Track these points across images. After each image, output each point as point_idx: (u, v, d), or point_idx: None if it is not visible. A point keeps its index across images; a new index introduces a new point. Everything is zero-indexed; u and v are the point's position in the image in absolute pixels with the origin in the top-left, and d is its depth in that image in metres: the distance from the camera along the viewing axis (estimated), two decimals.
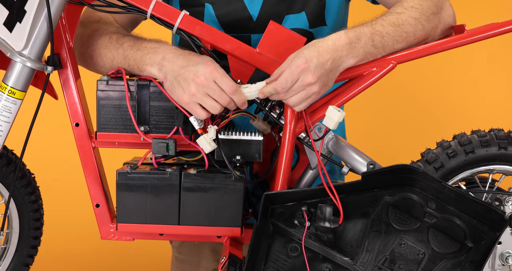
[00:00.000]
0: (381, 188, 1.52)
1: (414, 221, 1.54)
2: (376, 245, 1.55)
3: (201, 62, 1.51)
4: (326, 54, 1.50)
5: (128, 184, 1.61)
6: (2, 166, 1.65)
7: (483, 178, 1.73)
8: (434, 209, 1.53)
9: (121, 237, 1.70)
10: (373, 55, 1.56)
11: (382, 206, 1.54)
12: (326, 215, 1.50)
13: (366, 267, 1.55)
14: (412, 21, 1.57)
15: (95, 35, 1.64)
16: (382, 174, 1.51)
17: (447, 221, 1.53)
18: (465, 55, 2.91)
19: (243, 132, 1.60)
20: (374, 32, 1.54)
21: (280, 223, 1.54)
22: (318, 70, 1.49)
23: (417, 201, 1.53)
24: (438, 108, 3.21)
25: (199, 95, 1.50)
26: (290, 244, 1.55)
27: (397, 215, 1.54)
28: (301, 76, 1.48)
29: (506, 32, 1.63)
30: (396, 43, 1.56)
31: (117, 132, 1.62)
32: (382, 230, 1.55)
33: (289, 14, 1.77)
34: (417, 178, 1.51)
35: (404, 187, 1.53)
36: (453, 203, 1.51)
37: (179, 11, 1.55)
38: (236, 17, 1.77)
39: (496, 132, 1.68)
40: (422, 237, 1.54)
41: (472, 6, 3.06)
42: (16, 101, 1.52)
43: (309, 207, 1.52)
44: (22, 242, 1.71)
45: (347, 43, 1.52)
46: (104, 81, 1.61)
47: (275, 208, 1.52)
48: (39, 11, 1.48)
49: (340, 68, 1.54)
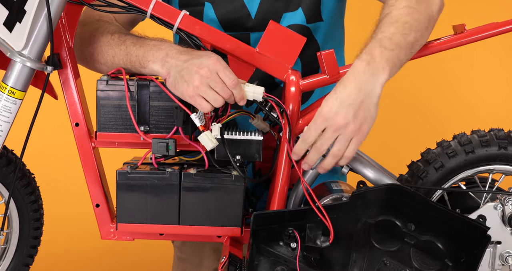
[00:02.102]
0: (364, 209, 1.52)
1: (395, 241, 1.56)
2: (362, 264, 1.56)
3: (204, 55, 1.51)
4: (347, 89, 1.46)
5: (128, 184, 1.60)
6: (2, 166, 1.65)
7: (483, 177, 1.73)
8: (413, 231, 1.54)
9: (121, 237, 1.70)
10: (396, 58, 1.51)
11: (363, 227, 1.55)
12: (315, 235, 1.50)
13: None
14: (404, 11, 1.55)
15: (96, 34, 1.64)
16: (372, 193, 1.51)
17: (426, 243, 1.54)
18: (465, 55, 2.91)
19: (243, 132, 1.60)
20: (380, 40, 1.51)
21: (265, 245, 1.54)
22: (343, 109, 1.45)
23: (396, 223, 1.54)
24: (438, 108, 3.21)
25: (203, 87, 1.49)
26: (277, 265, 1.55)
27: (378, 235, 1.56)
28: (328, 122, 1.46)
29: (506, 31, 1.63)
30: (406, 36, 1.53)
31: (117, 132, 1.62)
32: (366, 249, 1.56)
33: (286, 11, 1.77)
34: (403, 199, 1.51)
35: (386, 209, 1.54)
36: (436, 221, 1.52)
37: (179, 11, 1.55)
38: (235, 15, 1.78)
39: (496, 132, 1.68)
40: (404, 256, 1.55)
41: (472, 6, 3.06)
42: (16, 101, 1.52)
43: (295, 228, 1.51)
44: (22, 242, 1.71)
45: (365, 65, 1.48)
46: (104, 81, 1.61)
47: (259, 230, 1.51)
48: (39, 11, 1.48)
49: (374, 93, 1.48)
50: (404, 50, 1.53)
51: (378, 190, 1.52)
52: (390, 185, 1.53)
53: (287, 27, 1.73)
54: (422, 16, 1.56)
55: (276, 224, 1.52)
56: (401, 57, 1.53)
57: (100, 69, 1.67)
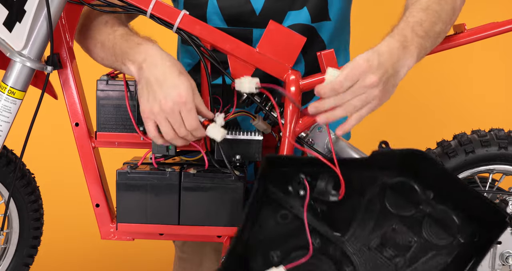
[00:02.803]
0: (382, 169, 1.47)
1: (409, 207, 1.51)
2: (368, 225, 1.52)
3: (177, 86, 1.46)
4: (384, 57, 1.42)
5: (128, 183, 1.60)
6: (2, 166, 1.65)
7: (483, 177, 1.73)
8: (432, 198, 1.49)
9: (121, 237, 1.70)
10: (423, 46, 1.49)
11: (379, 187, 1.50)
12: (327, 188, 1.46)
13: (355, 246, 1.52)
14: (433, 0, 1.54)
15: (95, 21, 1.64)
16: (392, 155, 1.46)
17: (442, 213, 1.50)
18: (465, 55, 2.90)
19: (243, 132, 1.60)
20: (412, 24, 1.49)
21: (274, 188, 1.50)
22: (381, 70, 1.40)
23: (415, 187, 1.50)
24: (438, 108, 3.21)
25: (159, 117, 1.48)
26: (281, 211, 1.51)
27: (393, 198, 1.51)
28: (362, 76, 1.39)
29: (505, 31, 1.63)
30: (434, 25, 1.51)
31: (117, 132, 1.62)
32: (376, 211, 1.51)
33: (291, 10, 1.77)
34: (425, 166, 1.46)
35: (406, 171, 1.49)
36: (457, 196, 1.47)
37: (179, 10, 1.55)
38: (238, 10, 1.77)
39: (496, 132, 1.68)
40: (415, 224, 1.51)
41: (472, 6, 3.06)
42: (15, 101, 1.52)
43: (307, 176, 1.46)
44: (22, 242, 1.71)
45: (400, 45, 1.45)
46: (104, 81, 1.61)
47: (271, 173, 1.47)
48: (38, 11, 1.48)
49: (400, 74, 1.45)
50: (431, 39, 1.51)
51: (401, 153, 1.46)
52: (414, 150, 1.45)
53: (291, 26, 1.73)
54: (449, 7, 1.55)
55: (288, 168, 1.47)
56: (427, 46, 1.50)
57: (90, 55, 1.66)
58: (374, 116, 3.27)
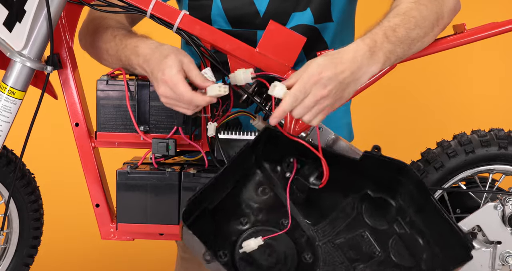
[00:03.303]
0: (370, 179, 1.51)
1: (383, 222, 1.56)
2: (339, 224, 1.56)
3: (161, 69, 1.48)
4: (343, 66, 1.43)
5: (128, 184, 1.60)
6: (2, 166, 1.65)
7: (483, 177, 1.73)
8: (406, 222, 1.54)
9: (121, 237, 1.70)
10: (393, 52, 1.50)
11: (361, 196, 1.54)
12: (310, 173, 1.49)
13: (322, 238, 1.55)
14: (413, 6, 1.53)
15: (98, 28, 1.66)
16: (381, 162, 1.49)
17: (412, 237, 1.54)
18: (465, 55, 2.91)
19: (243, 132, 1.60)
20: (384, 29, 1.50)
21: (266, 163, 1.54)
22: (332, 83, 1.42)
23: (394, 207, 1.54)
24: (438, 108, 3.21)
25: (170, 102, 1.51)
26: (263, 185, 1.55)
27: (371, 210, 1.55)
28: (314, 88, 1.42)
29: (505, 31, 1.63)
30: (409, 31, 1.51)
31: (117, 132, 1.62)
32: (352, 215, 1.55)
33: (295, 11, 1.77)
34: (407, 181, 1.50)
35: (391, 189, 1.53)
36: (433, 225, 1.51)
37: (179, 11, 1.55)
38: (242, 12, 1.77)
39: (496, 132, 1.68)
40: (384, 239, 1.55)
41: (472, 6, 3.06)
42: (15, 101, 1.52)
43: (298, 160, 1.50)
44: (22, 242, 1.71)
45: (367, 51, 1.46)
46: (104, 81, 1.61)
47: (267, 149, 1.51)
48: (38, 11, 1.48)
49: (361, 80, 1.46)
50: (403, 45, 1.51)
51: (390, 163, 1.49)
52: (401, 164, 1.49)
53: (294, 27, 1.73)
54: (430, 14, 1.54)
55: (285, 150, 1.50)
56: (398, 51, 1.51)
57: (100, 62, 1.69)
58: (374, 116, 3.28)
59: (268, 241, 1.51)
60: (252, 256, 1.52)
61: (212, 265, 1.39)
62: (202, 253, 1.38)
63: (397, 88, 3.10)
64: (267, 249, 1.53)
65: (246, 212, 1.55)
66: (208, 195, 1.49)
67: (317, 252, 1.55)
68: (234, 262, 1.53)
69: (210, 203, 1.52)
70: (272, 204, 1.55)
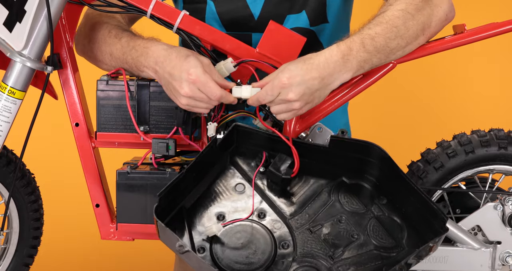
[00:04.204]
0: (343, 166, 1.54)
1: (361, 206, 1.58)
2: (317, 212, 1.58)
3: (185, 69, 1.48)
4: (314, 72, 1.46)
5: (128, 184, 1.60)
6: (2, 166, 1.65)
7: (483, 178, 1.73)
8: (383, 204, 1.56)
9: (121, 237, 1.70)
10: (368, 61, 1.50)
11: (337, 183, 1.57)
12: (282, 164, 1.52)
13: (299, 226, 1.58)
14: (399, 14, 1.51)
15: (97, 30, 1.64)
16: (349, 144, 1.52)
17: (390, 218, 1.56)
18: (465, 55, 2.90)
19: None
20: (363, 37, 1.49)
21: (240, 160, 1.57)
22: (300, 88, 1.45)
23: (370, 191, 1.57)
24: (438, 108, 3.21)
25: (191, 103, 1.50)
26: (239, 182, 1.58)
27: (347, 195, 1.58)
28: (282, 92, 1.46)
29: (505, 32, 1.63)
30: (389, 40, 1.51)
31: (117, 132, 1.62)
32: (329, 202, 1.58)
33: (290, 14, 1.77)
34: (377, 163, 1.52)
35: (363, 174, 1.56)
36: (408, 201, 1.53)
37: (179, 11, 1.55)
38: (237, 15, 1.77)
39: (496, 132, 1.68)
40: (362, 222, 1.58)
41: (472, 6, 3.06)
42: (16, 101, 1.52)
43: (270, 153, 1.54)
44: (22, 242, 1.71)
45: (340, 58, 1.47)
46: (104, 81, 1.61)
47: (240, 146, 1.55)
48: (39, 11, 1.48)
49: (331, 86, 1.49)
50: (380, 55, 1.51)
51: (355, 144, 1.53)
52: (365, 143, 1.52)
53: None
54: (416, 24, 1.53)
55: (252, 144, 1.55)
56: (373, 61, 1.51)
57: (99, 66, 1.67)
58: (374, 116, 3.27)
59: (245, 235, 1.56)
60: (228, 247, 1.56)
61: (188, 256, 1.42)
62: (176, 244, 1.40)
63: (397, 88, 3.10)
64: (244, 241, 1.56)
65: (224, 209, 1.58)
66: (183, 193, 1.52)
67: (295, 240, 1.57)
68: (212, 256, 1.56)
69: (187, 201, 1.55)
70: (247, 199, 1.58)
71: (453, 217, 1.70)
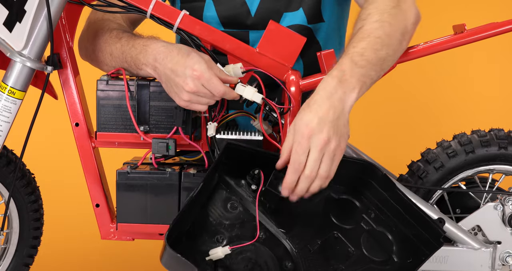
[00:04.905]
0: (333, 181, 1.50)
1: (351, 221, 1.57)
2: (311, 228, 1.57)
3: (189, 65, 1.48)
4: (323, 107, 1.43)
5: (128, 184, 1.61)
6: (2, 166, 1.65)
7: (483, 177, 1.73)
8: (372, 218, 1.55)
9: (121, 237, 1.70)
10: (367, 75, 1.48)
11: (326, 198, 1.55)
12: (278, 183, 1.47)
13: (297, 244, 1.56)
14: (376, 25, 1.51)
15: (99, 32, 1.65)
16: (345, 163, 1.48)
17: (380, 233, 1.55)
18: (465, 55, 2.91)
19: (243, 132, 1.60)
20: (351, 56, 1.48)
21: (229, 178, 1.54)
22: (323, 125, 1.41)
23: (358, 207, 1.56)
24: (438, 108, 3.21)
25: (194, 99, 1.50)
26: (231, 201, 1.55)
27: (336, 211, 1.57)
28: (312, 142, 1.41)
29: (505, 31, 1.63)
30: (377, 52, 1.49)
31: (117, 132, 1.62)
32: (320, 218, 1.57)
33: (287, 11, 1.77)
34: (372, 180, 1.51)
35: (353, 188, 1.54)
36: (400, 215, 1.52)
37: (179, 11, 1.55)
38: (234, 12, 1.78)
39: (496, 132, 1.68)
40: (355, 237, 1.56)
41: (472, 6, 3.06)
42: (16, 101, 1.52)
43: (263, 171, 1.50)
44: (22, 242, 1.71)
45: (337, 83, 1.45)
46: (104, 81, 1.61)
47: (228, 164, 1.51)
48: (39, 11, 1.48)
49: (346, 110, 1.46)
50: (375, 67, 1.50)
51: (351, 162, 1.50)
52: (364, 162, 1.51)
53: (287, 27, 1.73)
54: (395, 30, 1.53)
55: (245, 162, 1.51)
56: (371, 74, 1.50)
57: (101, 68, 1.68)
58: (374, 116, 3.27)
59: (248, 255, 1.54)
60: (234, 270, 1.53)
61: None
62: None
63: (396, 88, 3.10)
64: (249, 263, 1.54)
65: (220, 230, 1.55)
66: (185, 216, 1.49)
67: (297, 259, 1.56)
68: None
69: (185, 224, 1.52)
70: (243, 218, 1.56)
71: (453, 217, 1.70)
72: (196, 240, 1.53)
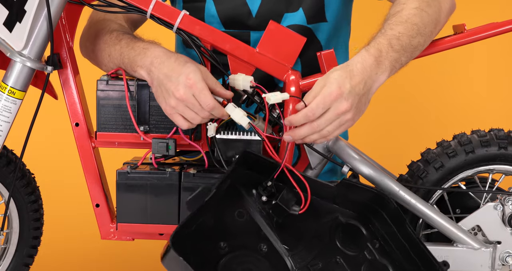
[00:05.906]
0: (343, 205, 1.53)
1: (354, 248, 1.57)
2: (314, 249, 1.56)
3: (184, 73, 1.47)
4: (357, 77, 1.45)
5: (128, 184, 1.61)
6: (2, 166, 1.65)
7: (483, 177, 1.73)
8: (376, 248, 1.55)
9: (121, 237, 1.70)
10: (398, 61, 1.51)
11: (332, 221, 1.55)
12: (290, 199, 1.49)
13: (299, 263, 1.55)
14: (415, 12, 1.53)
15: (99, 32, 1.65)
16: (358, 189, 1.50)
17: (382, 265, 1.55)
18: (465, 55, 2.91)
19: (243, 132, 1.60)
20: (389, 38, 1.50)
21: (240, 187, 1.54)
22: (351, 96, 1.43)
23: (365, 235, 1.56)
24: (437, 108, 3.21)
25: (180, 107, 1.49)
26: (240, 209, 1.55)
27: (342, 235, 1.56)
28: (335, 104, 1.43)
29: (505, 31, 1.63)
30: (411, 39, 1.52)
31: (117, 132, 1.62)
32: (325, 240, 1.56)
33: (288, 12, 1.77)
34: (383, 210, 1.51)
35: (362, 215, 1.54)
36: (404, 249, 1.52)
37: (179, 11, 1.55)
38: (235, 12, 1.78)
39: (496, 132, 1.68)
40: (357, 264, 1.56)
41: (472, 6, 3.06)
42: (16, 101, 1.52)
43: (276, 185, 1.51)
44: (22, 242, 1.71)
45: (373, 61, 1.47)
46: (104, 81, 1.61)
47: (241, 173, 1.50)
48: (39, 11, 1.48)
49: (372, 90, 1.49)
50: (407, 54, 1.53)
51: (365, 190, 1.51)
52: (378, 192, 1.52)
53: (287, 27, 1.73)
54: (431, 21, 1.55)
55: (261, 173, 1.50)
56: (402, 60, 1.52)
57: (100, 67, 1.68)
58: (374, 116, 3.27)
59: (248, 266, 1.54)
60: None
61: None
62: None
63: (396, 88, 3.10)
64: None
65: (224, 236, 1.54)
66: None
67: None
68: None
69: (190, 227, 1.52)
70: (248, 228, 1.55)
71: (453, 217, 1.70)
72: (198, 243, 1.52)
